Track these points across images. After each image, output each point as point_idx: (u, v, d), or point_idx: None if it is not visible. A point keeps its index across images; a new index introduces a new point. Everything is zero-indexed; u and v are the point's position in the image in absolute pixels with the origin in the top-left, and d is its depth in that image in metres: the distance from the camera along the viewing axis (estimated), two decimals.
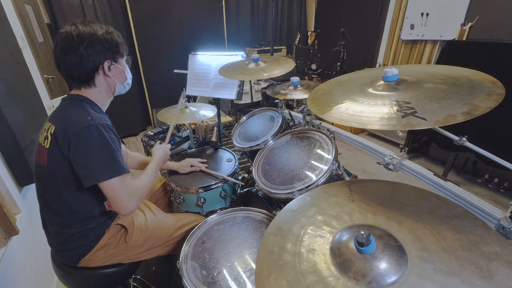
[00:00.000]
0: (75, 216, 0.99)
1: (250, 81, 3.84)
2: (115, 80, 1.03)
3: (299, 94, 1.56)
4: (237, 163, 1.52)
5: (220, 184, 1.38)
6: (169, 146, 1.35)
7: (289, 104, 3.67)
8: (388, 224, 0.66)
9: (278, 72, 1.45)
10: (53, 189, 0.95)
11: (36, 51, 2.15)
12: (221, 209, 1.39)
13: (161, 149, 1.28)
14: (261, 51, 4.20)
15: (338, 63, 3.18)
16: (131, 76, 1.11)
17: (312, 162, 1.18)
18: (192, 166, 1.47)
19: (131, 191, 0.95)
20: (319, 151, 1.22)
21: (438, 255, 0.57)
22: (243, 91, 2.98)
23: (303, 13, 4.78)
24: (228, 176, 1.41)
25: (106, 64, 0.97)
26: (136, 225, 1.13)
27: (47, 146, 0.92)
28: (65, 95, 1.02)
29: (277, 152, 1.36)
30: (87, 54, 0.92)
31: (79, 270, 1.05)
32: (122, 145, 1.24)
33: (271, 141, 1.45)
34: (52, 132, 0.91)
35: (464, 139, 0.84)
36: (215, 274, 0.94)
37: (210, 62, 2.08)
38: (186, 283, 0.92)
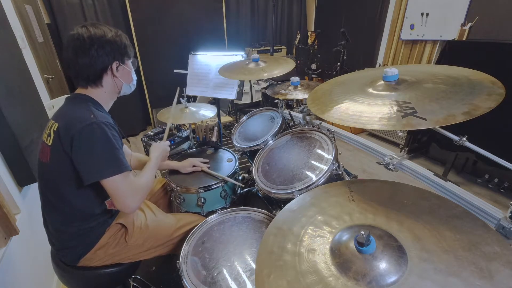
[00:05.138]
0: (75, 214, 0.99)
1: (250, 81, 3.84)
2: (122, 80, 1.05)
3: (299, 94, 1.56)
4: (237, 163, 1.52)
5: (220, 184, 1.38)
6: (167, 143, 1.34)
7: (289, 104, 3.67)
8: (388, 224, 0.66)
9: (278, 72, 1.45)
10: (55, 187, 0.96)
11: (36, 51, 2.15)
12: (221, 209, 1.39)
13: (159, 147, 1.27)
14: (261, 51, 4.20)
15: (338, 63, 3.19)
16: (136, 78, 1.14)
17: (312, 162, 1.18)
18: (194, 166, 1.48)
19: (134, 189, 0.96)
20: (319, 151, 1.22)
21: (438, 255, 0.57)
22: (243, 91, 2.98)
23: (303, 13, 4.78)
24: (229, 176, 1.41)
25: (114, 65, 1.00)
26: (136, 224, 1.13)
27: (50, 144, 0.93)
28: (69, 94, 1.03)
29: (277, 152, 1.36)
30: (97, 55, 0.95)
31: (79, 270, 1.05)
32: (126, 146, 1.25)
33: (271, 141, 1.45)
34: (55, 129, 0.92)
35: (464, 139, 0.84)
36: (215, 274, 0.94)
37: (210, 62, 2.08)
38: (186, 283, 0.92)
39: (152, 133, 2.40)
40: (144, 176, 1.08)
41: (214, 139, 1.82)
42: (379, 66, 3.78)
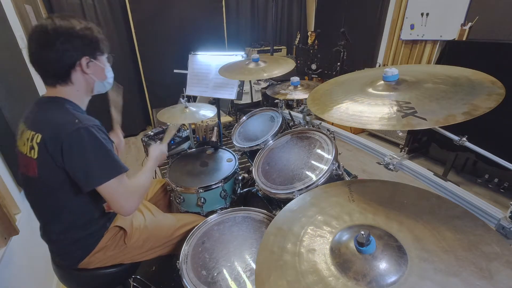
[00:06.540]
0: (75, 221, 0.97)
1: (250, 81, 3.84)
2: (94, 78, 0.95)
3: (299, 94, 1.56)
4: (237, 163, 1.52)
5: (220, 184, 1.38)
6: (165, 146, 1.31)
7: (289, 104, 3.67)
8: (388, 224, 0.66)
9: (278, 72, 1.45)
10: (50, 198, 0.92)
11: None
12: (221, 209, 1.39)
13: (158, 149, 1.25)
14: (261, 51, 4.19)
15: (338, 63, 3.18)
16: (113, 75, 1.04)
17: (312, 162, 1.18)
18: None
19: (130, 191, 0.93)
20: (319, 151, 1.22)
21: (438, 255, 0.57)
22: (243, 91, 2.99)
23: (303, 13, 4.78)
24: (228, 176, 1.41)
25: (84, 61, 0.90)
26: (135, 226, 1.12)
27: (35, 157, 0.86)
28: (40, 97, 0.94)
29: (277, 152, 1.36)
30: (63, 49, 0.86)
31: (79, 271, 1.05)
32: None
33: (271, 141, 1.45)
34: (38, 141, 0.84)
35: (464, 139, 0.84)
36: (215, 274, 0.94)
37: (210, 62, 2.08)
38: (186, 283, 0.92)
39: (152, 133, 2.40)
40: (142, 177, 1.04)
41: (214, 139, 1.82)
42: (379, 66, 3.78)
